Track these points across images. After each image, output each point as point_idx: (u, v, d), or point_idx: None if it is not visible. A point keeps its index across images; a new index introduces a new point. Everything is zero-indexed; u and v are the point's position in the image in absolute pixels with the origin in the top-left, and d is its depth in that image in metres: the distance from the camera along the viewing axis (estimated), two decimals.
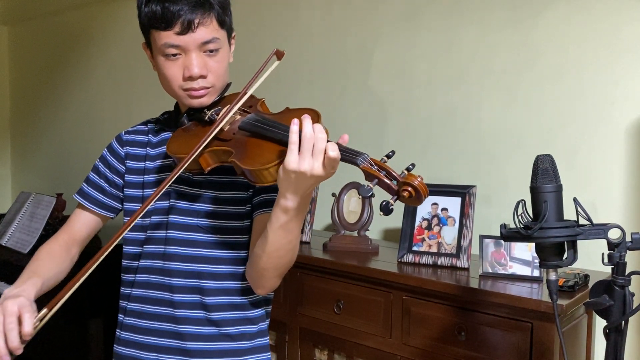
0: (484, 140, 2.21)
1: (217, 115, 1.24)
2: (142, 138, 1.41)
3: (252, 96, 1.29)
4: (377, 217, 2.32)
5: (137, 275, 1.33)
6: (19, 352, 1.03)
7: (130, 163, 1.39)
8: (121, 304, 1.38)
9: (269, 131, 1.12)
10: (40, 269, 1.25)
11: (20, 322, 1.04)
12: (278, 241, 1.13)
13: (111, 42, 3.73)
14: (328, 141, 1.01)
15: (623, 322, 1.11)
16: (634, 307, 1.09)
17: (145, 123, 1.45)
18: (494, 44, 2.18)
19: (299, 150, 1.01)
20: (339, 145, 1.02)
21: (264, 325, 1.36)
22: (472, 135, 2.24)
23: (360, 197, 0.96)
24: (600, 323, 1.80)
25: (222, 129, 1.20)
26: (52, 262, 1.29)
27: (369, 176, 1.01)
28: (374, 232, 2.45)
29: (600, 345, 1.86)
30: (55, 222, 3.15)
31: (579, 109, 2.00)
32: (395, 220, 2.35)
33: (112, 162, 1.40)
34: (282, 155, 1.04)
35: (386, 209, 0.98)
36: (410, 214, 2.06)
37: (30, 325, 1.04)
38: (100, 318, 2.84)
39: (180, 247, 1.29)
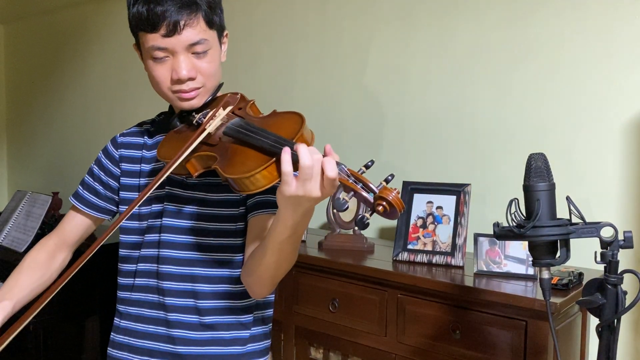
0: (478, 138, 2.21)
1: (205, 118, 1.21)
2: (137, 140, 1.39)
3: (242, 98, 1.26)
4: (372, 216, 2.32)
5: (136, 279, 1.33)
6: None
7: (125, 165, 1.38)
8: (119, 308, 1.38)
9: (250, 138, 1.09)
10: (16, 287, 1.27)
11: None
12: (277, 254, 1.09)
13: (107, 40, 3.72)
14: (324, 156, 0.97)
15: (615, 320, 1.11)
16: (626, 306, 1.09)
17: (140, 124, 1.43)
18: (489, 42, 2.18)
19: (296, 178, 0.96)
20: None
21: (257, 330, 1.34)
22: (467, 133, 2.24)
23: (335, 210, 0.91)
24: (595, 321, 1.80)
25: (210, 134, 1.17)
26: (33, 275, 1.31)
27: (345, 188, 0.98)
28: (369, 231, 2.45)
29: (594, 343, 1.86)
30: (51, 220, 3.15)
31: (574, 106, 2.00)
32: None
33: (107, 165, 1.39)
34: (263, 163, 1.02)
35: (361, 224, 0.95)
36: (405, 213, 2.07)
37: None
38: (96, 316, 2.84)
39: (174, 250, 1.28)
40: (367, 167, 1.00)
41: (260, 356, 1.34)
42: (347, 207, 0.95)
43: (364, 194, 0.96)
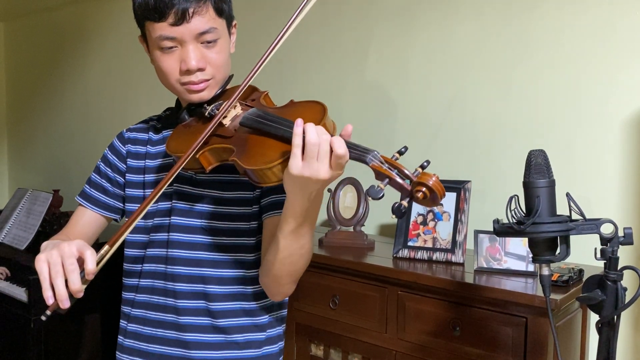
0: (478, 135, 2.21)
1: (218, 110, 1.15)
2: (143, 136, 1.35)
3: (255, 89, 1.23)
4: (372, 213, 2.33)
5: (141, 280, 1.28)
6: (81, 294, 0.96)
7: (131, 162, 1.33)
8: (124, 309, 1.32)
9: (271, 127, 1.04)
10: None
11: (80, 262, 0.97)
12: (290, 247, 1.07)
13: (107, 37, 3.72)
14: (333, 136, 0.94)
15: (615, 316, 1.11)
16: (626, 302, 1.09)
17: (147, 120, 1.38)
18: (489, 38, 2.18)
19: (303, 154, 0.94)
20: (346, 142, 0.95)
21: (273, 332, 1.29)
22: (467, 130, 2.24)
23: (370, 198, 0.86)
24: (595, 317, 1.81)
25: (223, 125, 1.13)
26: None
27: (379, 175, 0.93)
28: (369, 228, 2.45)
29: (594, 339, 1.86)
30: (52, 218, 3.15)
31: (574, 103, 2.00)
32: (390, 215, 2.35)
33: (114, 161, 1.34)
34: (285, 154, 0.98)
35: (399, 212, 0.90)
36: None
37: (93, 263, 0.96)
38: (97, 314, 2.84)
39: (183, 250, 1.23)
40: (400, 153, 0.95)
41: (275, 359, 1.30)
42: (383, 195, 0.90)
43: (400, 180, 0.91)
